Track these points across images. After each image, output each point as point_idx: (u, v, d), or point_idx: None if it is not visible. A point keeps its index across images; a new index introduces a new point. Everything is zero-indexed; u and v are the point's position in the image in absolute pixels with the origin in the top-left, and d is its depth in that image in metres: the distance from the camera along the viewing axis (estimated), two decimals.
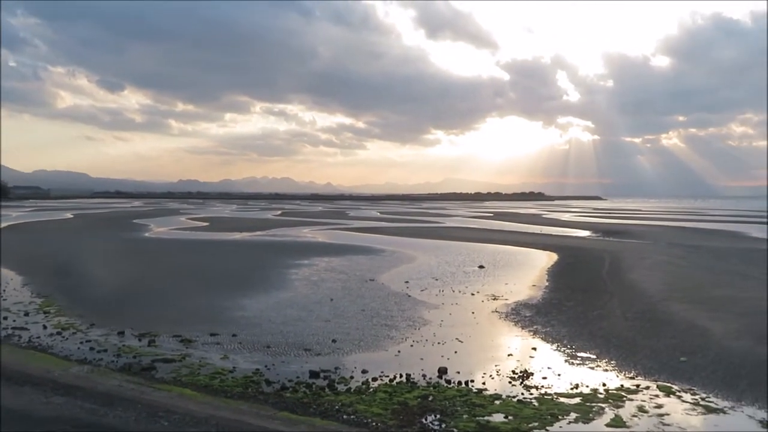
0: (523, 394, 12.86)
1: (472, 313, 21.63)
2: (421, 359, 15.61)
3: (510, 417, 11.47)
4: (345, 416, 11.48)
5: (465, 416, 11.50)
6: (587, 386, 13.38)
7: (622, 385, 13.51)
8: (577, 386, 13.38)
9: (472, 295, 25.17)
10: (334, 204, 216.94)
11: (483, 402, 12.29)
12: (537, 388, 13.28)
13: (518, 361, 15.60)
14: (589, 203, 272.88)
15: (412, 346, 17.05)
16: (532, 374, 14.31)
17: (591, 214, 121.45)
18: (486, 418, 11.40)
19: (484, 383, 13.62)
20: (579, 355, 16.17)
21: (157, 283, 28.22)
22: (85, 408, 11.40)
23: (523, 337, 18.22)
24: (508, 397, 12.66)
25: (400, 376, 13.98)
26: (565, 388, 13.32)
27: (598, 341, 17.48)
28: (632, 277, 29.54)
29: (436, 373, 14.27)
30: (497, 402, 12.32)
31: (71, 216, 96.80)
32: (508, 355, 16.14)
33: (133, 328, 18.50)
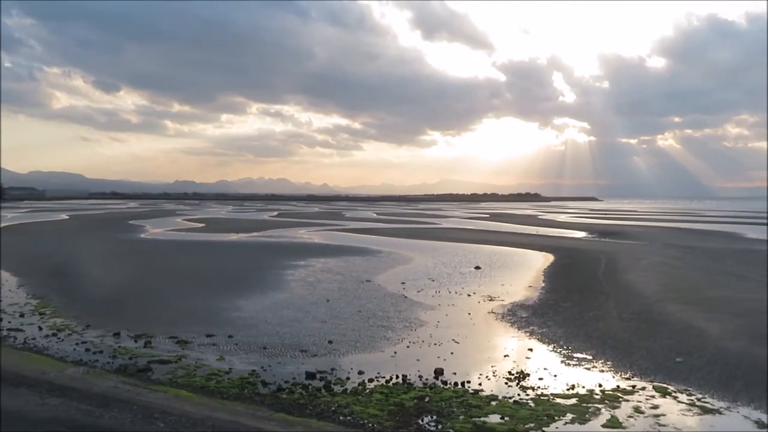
0: (519, 395, 12.86)
1: (469, 314, 21.64)
2: (418, 360, 15.61)
3: (506, 418, 11.48)
4: (341, 417, 11.47)
5: (461, 417, 11.51)
6: (583, 387, 13.40)
7: (618, 386, 13.53)
8: (573, 387, 13.40)
9: (469, 296, 25.18)
10: (331, 205, 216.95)
11: (479, 403, 12.29)
12: (533, 389, 13.29)
13: (514, 362, 15.61)
14: (585, 204, 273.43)
15: (408, 347, 17.05)
16: (529, 375, 14.32)
17: (587, 215, 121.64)
18: (482, 419, 11.40)
19: (480, 384, 13.63)
20: (575, 355, 16.19)
21: (153, 284, 28.16)
22: (80, 409, 11.37)
23: (520, 338, 18.23)
24: (505, 398, 12.66)
25: (397, 377, 13.98)
26: (561, 388, 13.33)
27: (594, 342, 17.50)
28: (628, 278, 29.59)
29: (433, 374, 14.27)
30: (493, 403, 12.33)
31: (67, 217, 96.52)
32: (505, 356, 16.15)
33: (129, 330, 18.45)
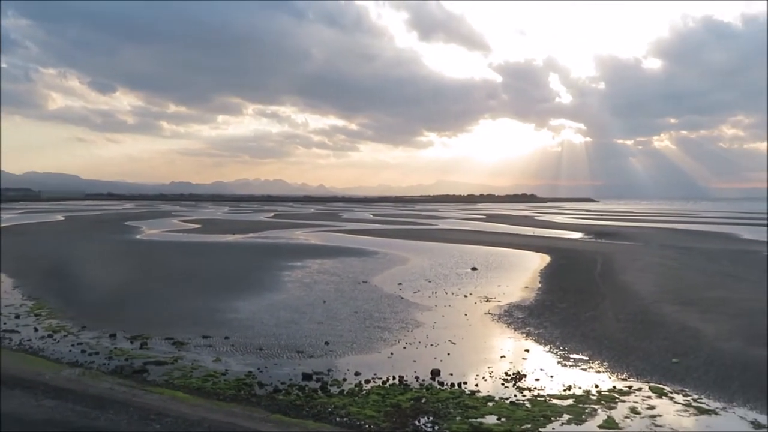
0: (515, 396, 12.88)
1: (465, 314, 21.64)
2: (414, 361, 15.60)
3: (503, 419, 11.49)
4: (338, 418, 11.46)
5: (458, 418, 11.51)
6: (580, 388, 13.41)
7: (615, 387, 13.55)
8: (569, 388, 13.42)
9: (465, 296, 25.18)
10: (327, 206, 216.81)
11: (476, 404, 12.30)
12: (530, 390, 13.30)
13: (511, 362, 15.62)
14: (581, 205, 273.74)
15: (405, 348, 17.05)
16: (525, 376, 14.32)
17: (583, 216, 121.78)
18: (479, 420, 11.41)
19: (477, 385, 13.63)
20: (571, 356, 16.21)
21: (149, 285, 28.07)
22: (76, 411, 11.34)
23: (516, 339, 18.24)
24: (501, 398, 12.67)
25: (393, 378, 13.98)
26: (557, 389, 13.35)
27: (590, 343, 17.52)
28: (624, 279, 29.63)
29: (429, 375, 14.27)
30: (490, 404, 12.33)
31: (62, 218, 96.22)
32: (501, 357, 16.15)
33: (124, 331, 18.41)
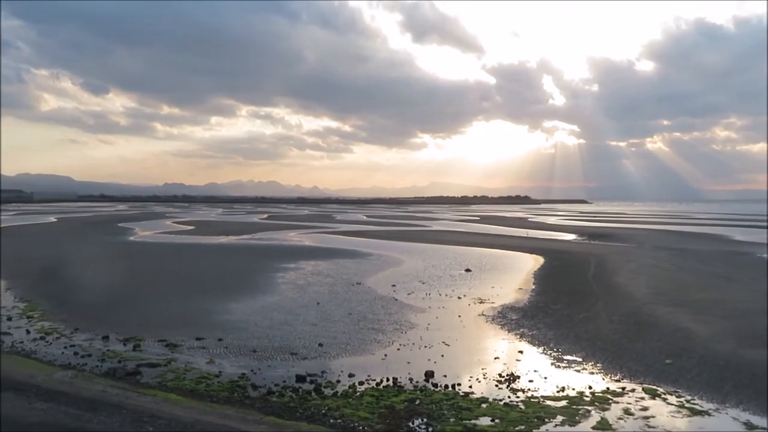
0: (509, 397, 12.89)
1: (459, 316, 21.65)
2: (408, 363, 15.60)
3: (496, 420, 11.50)
4: (332, 420, 11.45)
5: (452, 420, 11.51)
6: (573, 389, 13.44)
7: (608, 388, 13.58)
8: (563, 389, 13.45)
9: (459, 298, 25.20)
10: (321, 207, 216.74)
11: (470, 405, 12.31)
12: (523, 391, 13.32)
13: (505, 364, 15.64)
14: (574, 206, 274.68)
15: (398, 349, 17.04)
16: (519, 377, 14.35)
17: (577, 218, 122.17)
18: (473, 422, 11.42)
19: (470, 386, 13.64)
20: (565, 358, 16.24)
21: (143, 287, 27.96)
22: (69, 413, 11.28)
23: (510, 341, 18.27)
24: (495, 400, 12.69)
25: (387, 380, 13.97)
26: (551, 391, 13.37)
27: (584, 344, 17.56)
28: (618, 280, 29.72)
29: (423, 377, 14.27)
30: (484, 405, 12.34)
31: (55, 220, 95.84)
32: (495, 359, 16.17)
33: (117, 333, 18.34)
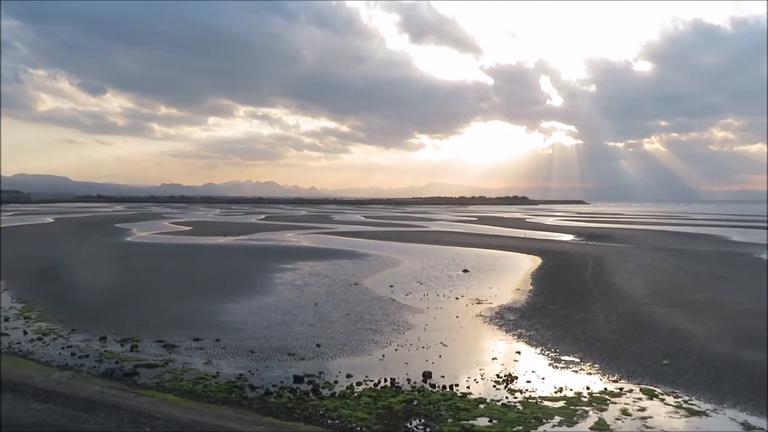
0: (507, 398, 12.89)
1: (457, 317, 21.65)
2: (406, 363, 15.59)
3: (494, 421, 11.50)
4: (329, 421, 11.43)
5: (449, 420, 11.51)
6: (571, 390, 13.45)
7: (606, 389, 13.59)
8: (561, 390, 13.45)
9: (457, 299, 25.20)
10: (318, 208, 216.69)
11: (467, 406, 12.31)
12: (521, 392, 13.32)
13: (502, 364, 15.64)
14: (572, 207, 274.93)
15: (396, 350, 17.04)
16: (517, 378, 14.35)
17: (574, 218, 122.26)
18: (470, 422, 11.42)
19: (468, 387, 13.64)
20: (563, 358, 16.25)
21: (140, 287, 27.92)
22: (66, 414, 11.25)
23: (508, 341, 18.28)
24: (493, 400, 12.69)
25: (385, 381, 13.96)
26: (549, 391, 13.37)
27: (581, 345, 17.58)
28: (615, 281, 29.75)
29: (421, 377, 14.26)
30: (481, 406, 12.34)
31: (52, 220, 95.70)
32: (493, 359, 16.18)
33: (115, 333, 18.30)
